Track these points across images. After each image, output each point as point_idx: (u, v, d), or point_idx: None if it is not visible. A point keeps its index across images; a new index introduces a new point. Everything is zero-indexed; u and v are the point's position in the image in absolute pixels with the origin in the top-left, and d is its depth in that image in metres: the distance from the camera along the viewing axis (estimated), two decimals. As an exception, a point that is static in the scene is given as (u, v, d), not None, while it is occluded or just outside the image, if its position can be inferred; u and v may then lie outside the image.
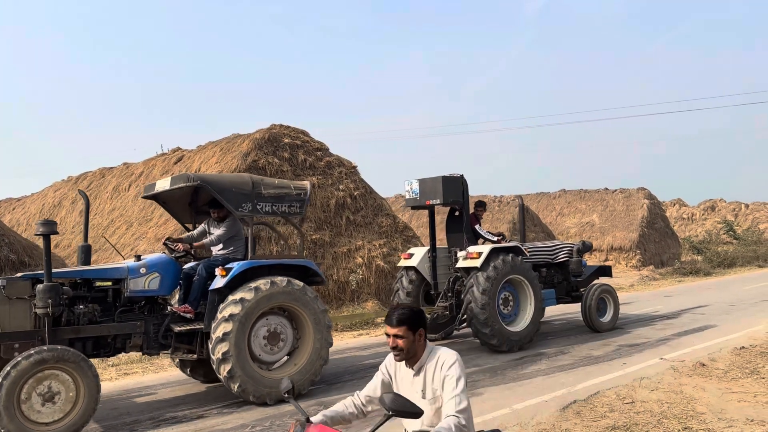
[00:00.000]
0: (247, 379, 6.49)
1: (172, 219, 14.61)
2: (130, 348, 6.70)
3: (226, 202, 6.87)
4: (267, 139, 15.99)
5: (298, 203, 7.36)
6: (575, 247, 11.07)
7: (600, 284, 10.91)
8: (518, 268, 9.37)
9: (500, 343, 8.98)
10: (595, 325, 10.53)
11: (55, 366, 5.57)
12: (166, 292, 6.94)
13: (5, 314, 5.97)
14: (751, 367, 7.52)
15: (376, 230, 17.00)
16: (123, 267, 6.65)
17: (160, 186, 7.27)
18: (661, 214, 35.15)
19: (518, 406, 6.22)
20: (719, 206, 49.93)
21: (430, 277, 10.18)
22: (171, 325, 6.77)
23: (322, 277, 7.53)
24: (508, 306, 9.43)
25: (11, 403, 5.33)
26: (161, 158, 18.34)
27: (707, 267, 24.23)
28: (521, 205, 11.28)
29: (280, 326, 6.93)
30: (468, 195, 10.00)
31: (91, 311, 6.39)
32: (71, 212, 18.57)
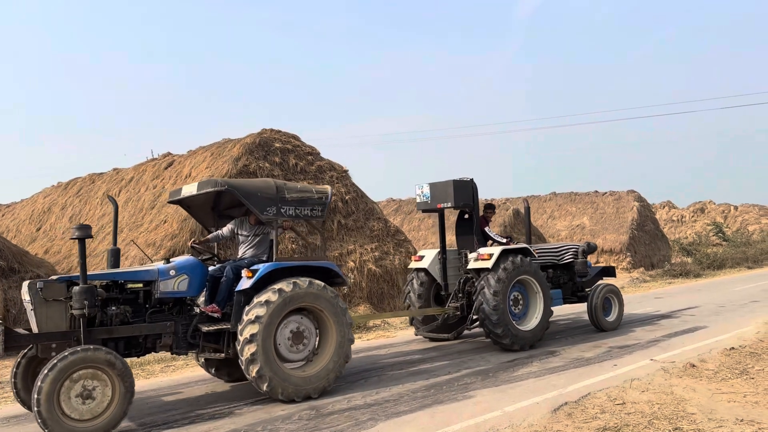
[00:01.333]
0: (275, 378, 6.68)
1: (162, 225, 14.63)
2: (160, 348, 6.89)
3: (252, 206, 7.06)
4: (258, 144, 15.99)
5: (319, 207, 7.56)
6: (580, 248, 11.31)
7: (605, 284, 11.17)
8: (527, 268, 9.57)
9: (512, 343, 9.18)
10: (601, 324, 10.79)
11: (92, 365, 5.77)
12: (194, 293, 7.12)
13: (43, 315, 6.16)
14: (741, 368, 7.58)
15: (367, 234, 17.02)
16: (153, 269, 6.86)
17: (187, 191, 7.47)
18: (651, 217, 35.38)
19: (510, 408, 6.24)
20: (709, 208, 50.30)
21: (440, 278, 10.38)
22: (199, 325, 6.96)
23: (343, 278, 7.69)
24: (518, 306, 9.64)
25: (52, 400, 5.52)
26: (152, 163, 18.30)
27: (697, 269, 24.39)
28: (527, 208, 11.45)
29: (304, 326, 7.12)
30: (477, 198, 10.22)
31: (123, 312, 6.59)
32: (60, 218, 18.46)
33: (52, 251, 16.46)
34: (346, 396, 6.96)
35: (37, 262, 13.53)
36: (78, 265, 6.25)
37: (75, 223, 17.56)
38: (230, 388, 7.86)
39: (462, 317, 9.98)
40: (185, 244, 13.69)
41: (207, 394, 7.58)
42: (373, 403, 6.61)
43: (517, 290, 9.62)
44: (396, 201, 33.04)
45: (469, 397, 6.74)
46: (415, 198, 10.62)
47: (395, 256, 17.01)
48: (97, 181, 19.42)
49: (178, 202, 8.04)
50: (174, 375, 9.06)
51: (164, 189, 16.46)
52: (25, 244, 17.37)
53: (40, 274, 12.61)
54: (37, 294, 6.14)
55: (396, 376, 7.90)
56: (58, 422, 5.53)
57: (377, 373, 8.14)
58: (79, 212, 18.13)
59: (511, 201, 35.63)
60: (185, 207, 8.21)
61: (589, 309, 10.87)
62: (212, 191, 7.21)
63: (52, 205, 19.63)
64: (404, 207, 31.89)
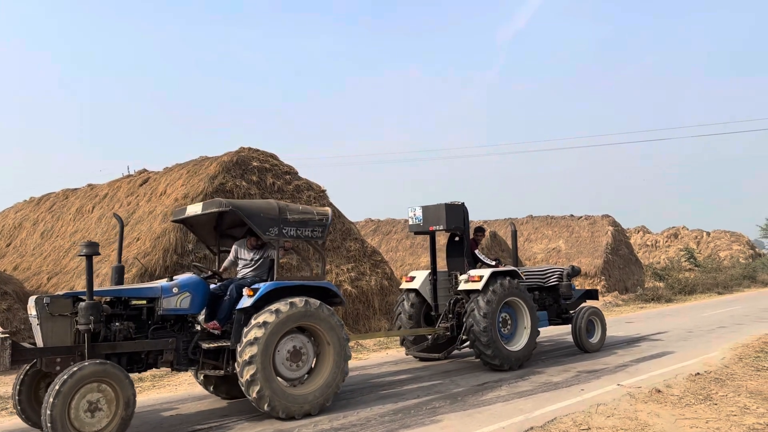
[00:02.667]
0: (275, 397, 6.80)
1: (135, 242, 14.48)
2: (161, 363, 6.99)
3: (255, 226, 7.24)
4: (235, 162, 15.96)
5: (320, 228, 7.78)
6: (565, 272, 11.64)
7: (589, 307, 11.56)
8: (516, 291, 9.83)
9: (502, 363, 9.41)
10: (585, 346, 11.10)
11: (100, 379, 5.91)
12: (196, 311, 7.26)
13: (48, 330, 6.26)
14: (705, 393, 7.70)
15: (344, 254, 17.00)
16: (157, 287, 6.99)
17: (192, 211, 7.67)
18: (625, 241, 35.83)
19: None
20: (682, 234, 51.06)
21: (431, 299, 10.65)
22: (199, 342, 7.08)
23: (341, 297, 7.86)
24: (507, 326, 9.86)
25: (65, 412, 5.66)
26: (127, 180, 18.15)
27: (669, 294, 24.71)
28: (514, 231, 11.68)
29: (301, 344, 7.26)
30: (468, 221, 10.47)
31: (126, 328, 6.69)
32: (32, 234, 18.19)
33: (21, 267, 16.20)
34: (313, 420, 6.93)
35: (5, 278, 13.30)
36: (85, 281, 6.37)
37: (56, 240, 17.33)
38: (227, 404, 8.01)
39: (452, 337, 10.22)
40: (158, 262, 13.57)
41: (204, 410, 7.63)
42: (339, 428, 6.59)
43: (505, 311, 9.85)
44: (374, 221, 33.09)
45: (437, 421, 6.75)
46: (408, 220, 10.92)
47: (371, 277, 17.00)
48: (71, 197, 19.20)
49: (182, 221, 8.20)
50: (169, 392, 9.05)
51: (138, 206, 16.33)
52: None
53: (8, 290, 12.41)
54: (44, 309, 6.24)
55: (365, 400, 7.88)
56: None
57: (346, 396, 8.12)
58: (51, 228, 17.88)
59: (488, 223, 35.89)
60: (188, 226, 8.43)
61: (574, 331, 11.18)
62: (216, 211, 7.40)
63: (24, 220, 19.33)
64: (382, 227, 31.96)
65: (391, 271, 18.23)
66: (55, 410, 5.59)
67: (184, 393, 8.93)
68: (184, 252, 13.84)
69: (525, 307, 9.97)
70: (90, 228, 16.53)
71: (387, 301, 16.82)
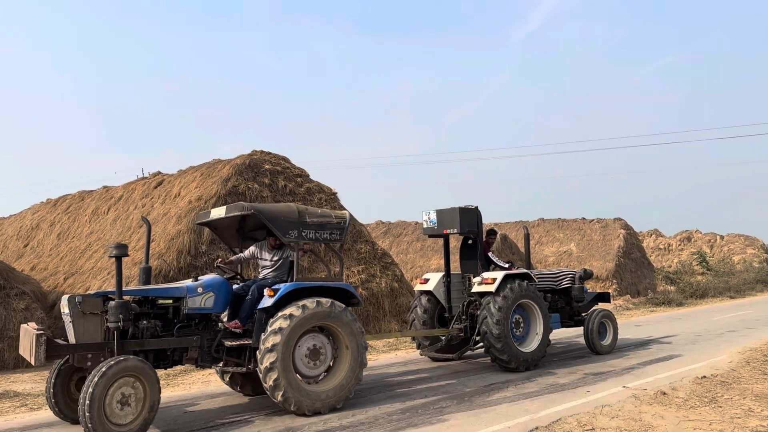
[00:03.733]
0: (290, 390, 7.00)
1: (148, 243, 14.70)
2: (186, 360, 7.25)
3: (276, 229, 7.48)
4: (248, 165, 16.19)
5: (338, 231, 8.03)
6: (577, 275, 11.77)
7: (601, 309, 11.71)
8: (528, 293, 10.02)
9: (514, 364, 9.59)
10: (597, 348, 11.27)
11: (132, 374, 6.21)
12: (219, 310, 7.51)
13: (80, 327, 6.56)
14: (711, 396, 7.77)
15: (354, 256, 17.17)
16: (183, 287, 7.24)
17: (216, 214, 7.95)
18: (638, 244, 35.74)
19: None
20: (695, 237, 50.82)
21: (444, 300, 10.87)
22: (222, 341, 7.34)
23: (358, 299, 8.05)
24: (520, 328, 10.04)
25: (101, 405, 5.95)
26: (141, 182, 18.44)
27: (680, 297, 24.64)
28: (527, 234, 11.88)
29: (321, 344, 7.49)
30: (482, 225, 10.70)
31: (153, 326, 6.97)
32: (48, 235, 18.52)
33: (38, 267, 16.51)
34: (323, 418, 7.09)
35: (23, 278, 13.58)
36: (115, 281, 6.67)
37: (72, 241, 17.64)
38: (248, 401, 8.26)
39: (465, 338, 10.42)
40: (172, 262, 13.80)
41: (225, 406, 7.79)
42: (348, 426, 6.74)
43: (518, 313, 10.03)
44: (385, 224, 33.25)
45: (443, 420, 6.88)
46: (422, 223, 11.12)
47: (381, 279, 17.15)
48: (87, 199, 19.53)
49: (206, 224, 8.48)
50: (178, 390, 9.14)
51: (153, 208, 16.60)
52: (11, 260, 17.40)
53: (26, 290, 12.68)
54: (76, 307, 6.54)
55: (374, 399, 8.03)
56: (103, 425, 5.94)
57: (356, 395, 8.25)
58: (67, 229, 18.20)
59: (499, 226, 35.95)
60: (212, 229, 8.67)
61: (586, 333, 11.32)
62: (239, 214, 7.69)
63: (41, 221, 19.68)
64: (393, 230, 32.12)
65: (401, 273, 18.37)
66: (97, 390, 5.90)
67: (198, 391, 9.14)
68: (197, 253, 14.06)
69: (537, 309, 10.14)
70: (105, 229, 16.81)
71: (397, 303, 16.97)
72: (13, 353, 11.68)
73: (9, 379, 10.69)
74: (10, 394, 9.12)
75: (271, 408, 7.60)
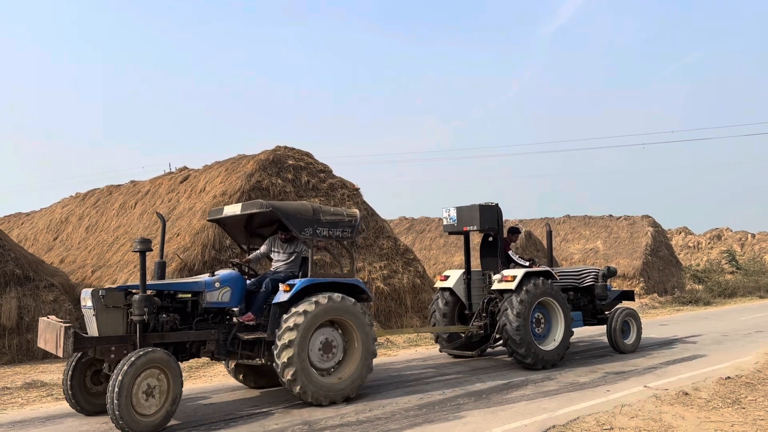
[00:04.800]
0: (307, 383, 7.25)
1: (175, 237, 14.94)
2: (203, 353, 7.47)
3: (292, 226, 7.70)
4: (271, 161, 16.32)
5: (350, 229, 8.25)
6: (601, 272, 11.68)
7: (624, 308, 11.58)
8: (549, 291, 9.96)
9: (534, 362, 9.57)
10: (620, 347, 11.16)
11: (158, 365, 6.41)
12: (235, 305, 7.72)
13: (103, 321, 6.73)
14: (734, 397, 7.64)
15: (377, 252, 17.22)
16: (201, 281, 7.46)
17: (230, 211, 8.19)
18: (666, 242, 35.20)
19: (497, 429, 6.36)
20: (725, 235, 49.86)
21: (464, 298, 10.87)
22: (238, 334, 7.55)
23: (369, 294, 8.32)
24: (540, 326, 10.00)
25: (128, 394, 6.13)
26: (168, 177, 18.72)
27: (707, 296, 24.22)
28: (549, 231, 11.83)
29: (333, 337, 7.72)
30: (502, 222, 10.66)
31: (173, 320, 7.17)
32: (77, 228, 18.91)
33: (67, 260, 16.87)
34: (340, 412, 7.15)
35: (52, 271, 13.89)
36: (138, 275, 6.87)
37: (100, 235, 17.97)
38: (259, 393, 8.44)
39: (485, 336, 10.43)
40: (197, 257, 13.99)
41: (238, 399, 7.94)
42: (365, 420, 6.79)
43: (539, 311, 9.99)
44: (408, 220, 33.25)
45: (460, 417, 6.88)
46: (442, 220, 11.11)
47: (404, 275, 17.18)
48: (115, 193, 19.88)
49: (216, 221, 8.69)
50: (199, 383, 9.35)
51: (179, 202, 16.83)
52: (41, 252, 17.81)
53: (54, 283, 12.96)
54: (99, 301, 6.71)
55: (391, 395, 8.06)
56: (129, 413, 6.12)
57: (373, 390, 8.32)
58: (95, 223, 18.56)
59: (524, 223, 35.71)
60: (221, 225, 8.89)
61: (609, 332, 11.23)
62: (256, 212, 7.88)
63: (70, 215, 20.10)
64: (416, 226, 32.11)
65: (423, 269, 18.37)
66: (126, 379, 6.09)
67: (218, 384, 9.27)
68: (221, 248, 14.24)
69: (558, 308, 10.09)
70: (132, 223, 17.11)
71: (419, 299, 16.99)
72: (41, 344, 11.95)
73: (38, 369, 10.98)
74: (38, 384, 9.35)
75: (288, 401, 7.69)
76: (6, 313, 11.86)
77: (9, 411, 7.81)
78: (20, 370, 10.97)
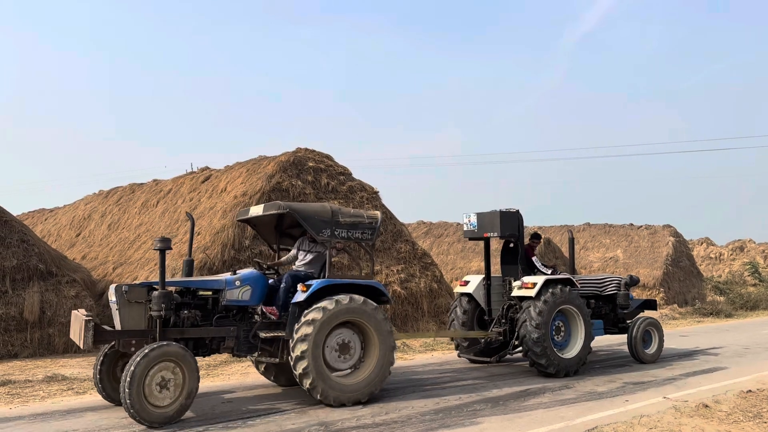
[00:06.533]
0: (319, 379, 7.26)
1: (196, 237, 15.07)
2: (223, 349, 7.59)
3: (310, 227, 7.79)
4: (292, 162, 16.41)
5: (370, 231, 8.27)
6: (623, 281, 11.61)
7: (646, 317, 11.49)
8: (570, 299, 9.92)
9: (554, 370, 9.53)
10: (641, 356, 11.04)
11: (174, 359, 6.53)
12: (255, 303, 7.83)
13: (126, 315, 6.94)
14: (755, 411, 7.52)
15: (394, 256, 17.22)
16: (222, 280, 7.60)
17: (254, 212, 8.35)
18: (687, 253, 34.75)
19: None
20: (748, 247, 48.99)
21: (484, 303, 10.82)
22: (258, 332, 7.64)
23: (388, 297, 8.27)
24: (561, 334, 9.96)
25: (140, 387, 6.27)
26: (190, 177, 18.90)
27: (729, 308, 23.87)
28: (571, 238, 11.79)
29: (351, 339, 7.73)
30: (523, 228, 10.63)
31: (193, 316, 7.32)
32: (100, 225, 19.15)
33: (89, 256, 17.10)
34: (356, 414, 7.16)
35: (74, 266, 14.09)
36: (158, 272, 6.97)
37: (122, 232, 18.19)
38: (281, 390, 8.58)
39: (504, 342, 10.37)
40: (216, 256, 14.10)
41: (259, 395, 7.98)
42: (381, 423, 6.79)
43: (559, 319, 9.94)
44: (426, 224, 33.21)
45: (476, 423, 6.85)
46: (462, 225, 11.08)
47: (421, 279, 17.16)
48: (137, 191, 20.11)
49: (246, 221, 8.82)
50: (218, 381, 9.47)
51: (200, 202, 16.98)
52: (64, 248, 18.07)
53: (76, 278, 13.14)
54: (122, 296, 6.92)
55: (407, 398, 8.05)
56: (141, 403, 6.26)
57: (390, 394, 8.32)
58: (117, 220, 18.79)
59: (543, 229, 35.48)
60: (252, 225, 9.05)
61: (629, 341, 11.14)
62: (276, 213, 7.99)
63: (93, 212, 20.37)
64: (434, 230, 32.06)
65: (440, 273, 18.34)
66: (139, 369, 6.23)
67: (236, 382, 9.33)
68: (241, 247, 14.35)
69: (579, 316, 10.02)
70: (154, 221, 17.29)
71: (436, 303, 16.95)
72: (63, 338, 12.14)
73: (58, 363, 11.13)
74: (59, 378, 9.48)
75: (305, 402, 7.72)
76: (29, 308, 12.05)
77: (31, 404, 7.94)
78: (41, 363, 11.13)
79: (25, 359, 11.65)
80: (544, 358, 9.41)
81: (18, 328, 12.02)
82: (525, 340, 9.50)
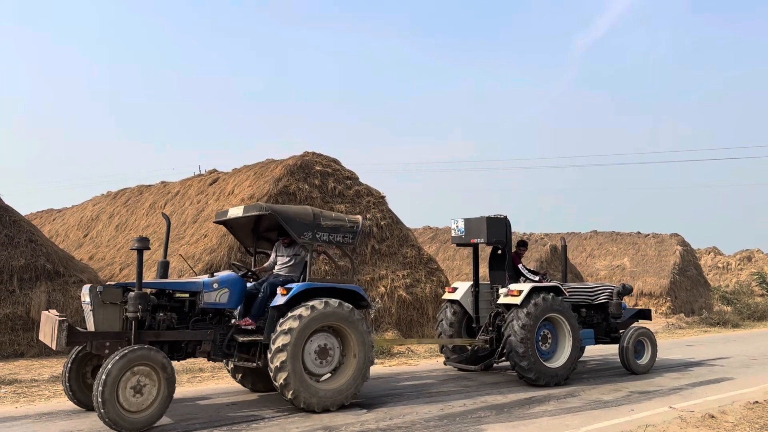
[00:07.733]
0: (300, 388, 7.19)
1: (202, 239, 15.14)
2: (199, 354, 7.47)
3: (291, 230, 7.70)
4: (299, 166, 16.46)
5: (351, 234, 8.21)
6: (615, 290, 11.39)
7: (638, 327, 11.26)
8: (557, 307, 9.76)
9: (537, 378, 9.37)
10: (632, 367, 10.83)
11: (150, 363, 6.41)
12: (233, 306, 7.71)
13: (100, 316, 6.77)
14: (762, 422, 7.47)
15: (400, 261, 17.23)
16: (199, 282, 7.46)
17: (233, 213, 8.21)
18: (694, 262, 34.60)
19: (518, 444, 6.32)
20: (756, 257, 48.75)
21: (472, 310, 10.68)
22: (235, 336, 7.54)
23: (368, 301, 8.23)
24: (547, 343, 9.81)
25: (114, 392, 6.13)
26: (197, 179, 18.99)
27: (736, 318, 23.71)
28: (564, 246, 11.76)
29: (329, 343, 7.65)
30: (510, 235, 10.50)
31: (169, 318, 7.17)
32: (107, 226, 19.24)
33: (96, 257, 17.17)
34: (360, 419, 7.15)
35: (82, 267, 14.14)
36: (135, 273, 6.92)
37: (129, 233, 18.27)
38: (257, 397, 8.35)
39: (491, 350, 10.20)
40: (222, 258, 14.15)
41: (235, 402, 7.97)
42: (385, 428, 6.78)
43: (546, 328, 9.80)
44: (433, 229, 33.20)
45: (480, 430, 6.82)
46: (451, 231, 10.99)
47: (426, 284, 17.17)
48: (145, 193, 20.21)
49: (223, 223, 8.69)
50: (229, 383, 9.60)
51: (207, 204, 17.04)
52: (71, 249, 18.15)
53: (83, 279, 13.20)
54: (97, 297, 6.76)
55: (412, 404, 8.04)
56: (114, 406, 6.11)
57: (394, 399, 8.31)
58: (125, 221, 18.88)
59: (549, 237, 35.38)
60: (228, 227, 8.90)
61: (621, 351, 10.95)
62: (256, 215, 7.90)
63: (101, 213, 20.47)
64: (440, 236, 32.03)
65: (446, 279, 18.33)
66: (113, 373, 6.10)
67: (239, 386, 9.28)
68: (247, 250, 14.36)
69: (566, 325, 9.86)
70: (161, 223, 17.37)
71: (441, 309, 16.92)
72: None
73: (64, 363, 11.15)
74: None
75: (286, 406, 7.66)
76: (36, 307, 12.11)
77: (36, 403, 7.98)
78: (47, 363, 11.18)
79: (31, 359, 11.71)
80: (532, 371, 9.27)
81: (25, 328, 12.08)
82: (511, 354, 9.38)
